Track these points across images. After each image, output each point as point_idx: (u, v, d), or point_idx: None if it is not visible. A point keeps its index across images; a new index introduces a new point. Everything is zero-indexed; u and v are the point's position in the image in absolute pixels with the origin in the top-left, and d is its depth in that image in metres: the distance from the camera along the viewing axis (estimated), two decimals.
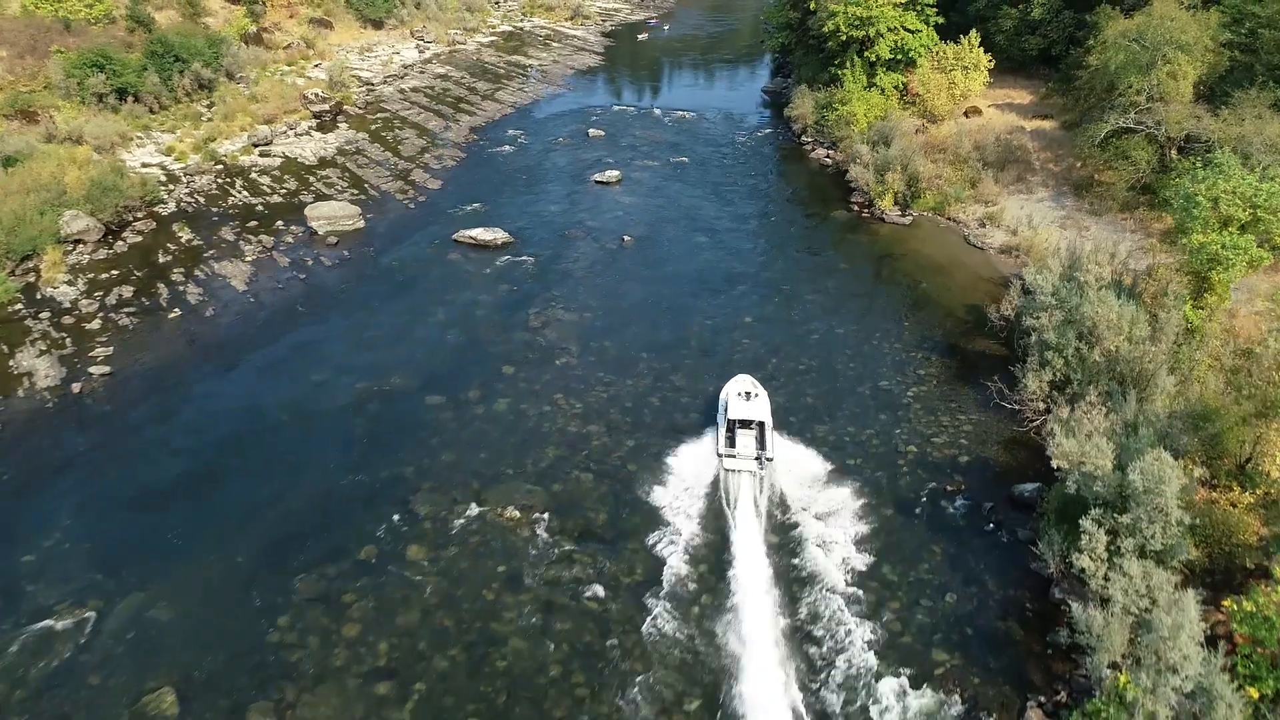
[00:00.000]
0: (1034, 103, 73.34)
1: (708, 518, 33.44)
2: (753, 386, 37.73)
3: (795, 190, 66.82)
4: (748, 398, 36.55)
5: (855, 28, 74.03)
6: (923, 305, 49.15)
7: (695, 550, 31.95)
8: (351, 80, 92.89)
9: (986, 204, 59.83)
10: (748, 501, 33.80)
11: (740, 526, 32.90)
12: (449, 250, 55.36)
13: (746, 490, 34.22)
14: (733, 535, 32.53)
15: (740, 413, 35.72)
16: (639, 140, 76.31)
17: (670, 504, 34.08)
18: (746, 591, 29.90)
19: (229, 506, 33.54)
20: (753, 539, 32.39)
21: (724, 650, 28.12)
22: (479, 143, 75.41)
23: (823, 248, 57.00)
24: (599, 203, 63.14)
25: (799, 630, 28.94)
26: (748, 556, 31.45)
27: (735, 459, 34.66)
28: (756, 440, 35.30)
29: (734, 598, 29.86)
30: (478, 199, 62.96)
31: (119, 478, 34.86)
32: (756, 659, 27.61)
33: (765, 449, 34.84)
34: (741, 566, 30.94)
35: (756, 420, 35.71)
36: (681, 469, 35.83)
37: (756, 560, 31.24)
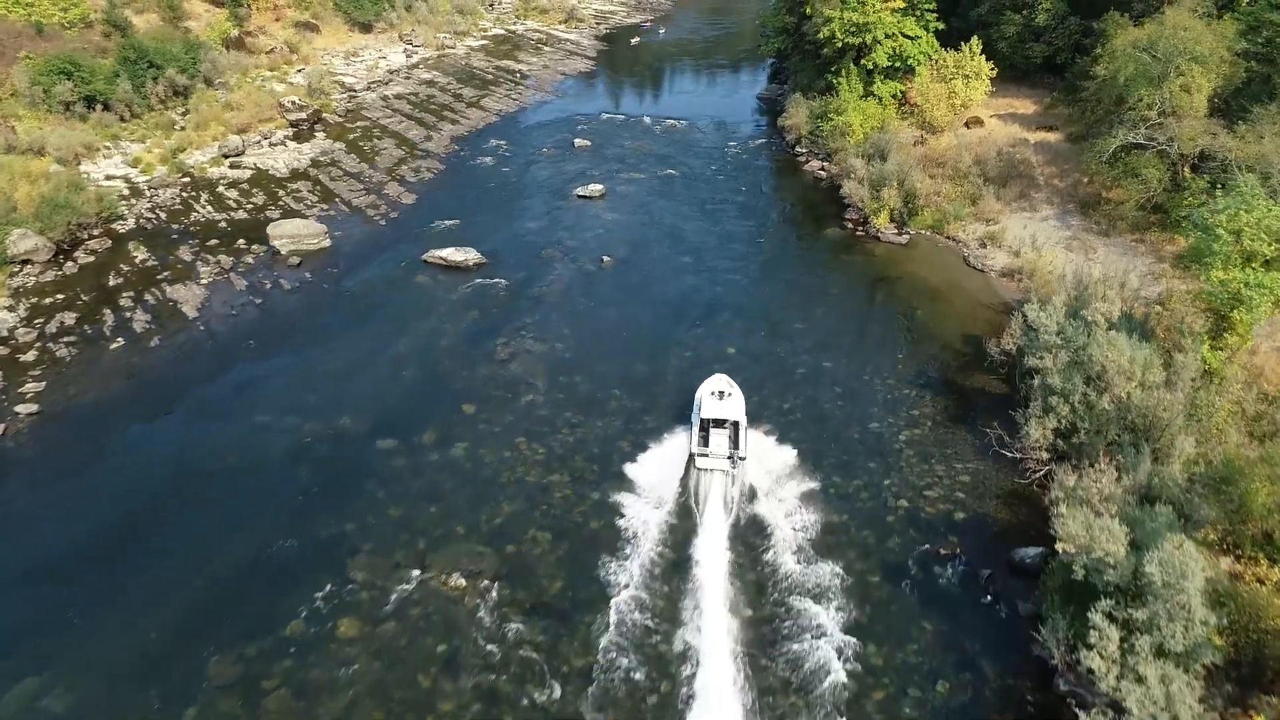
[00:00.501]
0: (1038, 113, 69.62)
1: (672, 587, 29.97)
2: (728, 386, 36.71)
3: (787, 206, 63.26)
4: (721, 396, 35.66)
5: (851, 34, 70.42)
6: (918, 336, 45.59)
7: (659, 626, 28.48)
8: (333, 86, 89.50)
9: (987, 222, 56.20)
10: (718, 503, 33.11)
11: (708, 562, 30.66)
12: (417, 272, 51.92)
13: (717, 491, 33.47)
14: (699, 579, 30.03)
15: (714, 412, 34.97)
16: (626, 151, 72.76)
17: (633, 574, 30.60)
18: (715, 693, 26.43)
19: (146, 573, 30.18)
20: (721, 589, 29.51)
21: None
22: (460, 153, 71.94)
23: (813, 270, 53.42)
24: (580, 219, 59.64)
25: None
26: (716, 635, 28.05)
27: (708, 458, 34.06)
28: (730, 439, 34.62)
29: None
30: (453, 215, 59.50)
31: (24, 539, 31.50)
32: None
33: (739, 448, 34.10)
34: (710, 665, 27.37)
35: (730, 420, 34.94)
36: (648, 530, 32.38)
37: (726, 657, 27.62)
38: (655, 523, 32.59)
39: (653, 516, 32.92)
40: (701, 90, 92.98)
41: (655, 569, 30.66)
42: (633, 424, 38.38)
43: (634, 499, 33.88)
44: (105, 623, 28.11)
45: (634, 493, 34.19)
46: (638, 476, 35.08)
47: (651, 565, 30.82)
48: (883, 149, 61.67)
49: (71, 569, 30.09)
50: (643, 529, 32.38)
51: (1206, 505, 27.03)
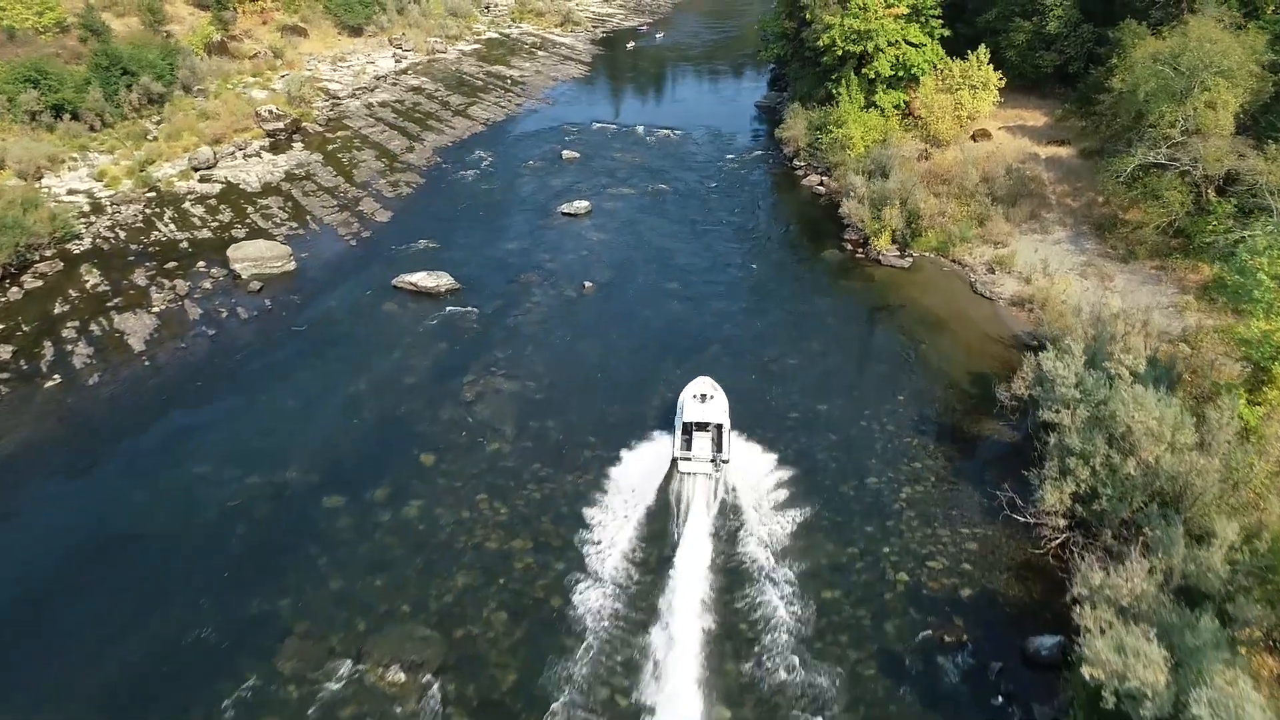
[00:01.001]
0: (1048, 125, 65.62)
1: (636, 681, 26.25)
2: (711, 389, 35.81)
3: (783, 226, 59.37)
4: (704, 399, 34.89)
5: (852, 42, 66.44)
6: (921, 374, 41.74)
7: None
8: (317, 93, 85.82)
9: (996, 245, 52.27)
10: (701, 507, 32.30)
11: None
12: (386, 298, 48.21)
13: (701, 495, 32.75)
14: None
15: (696, 415, 34.31)
16: (616, 164, 68.90)
17: (601, 662, 26.91)
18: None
19: (39, 663, 26.50)
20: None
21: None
22: (442, 166, 68.16)
23: (809, 297, 49.54)
24: (563, 239, 55.85)
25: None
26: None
27: (691, 461, 33.50)
28: (713, 442, 33.99)
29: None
30: (429, 234, 55.76)
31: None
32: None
33: (722, 451, 33.48)
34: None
35: (713, 423, 34.20)
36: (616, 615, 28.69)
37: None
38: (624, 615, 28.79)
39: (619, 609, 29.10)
40: (698, 97, 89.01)
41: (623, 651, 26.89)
42: (605, 479, 34.56)
43: (608, 580, 30.07)
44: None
45: (611, 570, 30.38)
46: (612, 543, 31.34)
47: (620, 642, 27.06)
48: (884, 165, 57.72)
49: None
50: (614, 614, 28.57)
51: (1252, 604, 23.13)
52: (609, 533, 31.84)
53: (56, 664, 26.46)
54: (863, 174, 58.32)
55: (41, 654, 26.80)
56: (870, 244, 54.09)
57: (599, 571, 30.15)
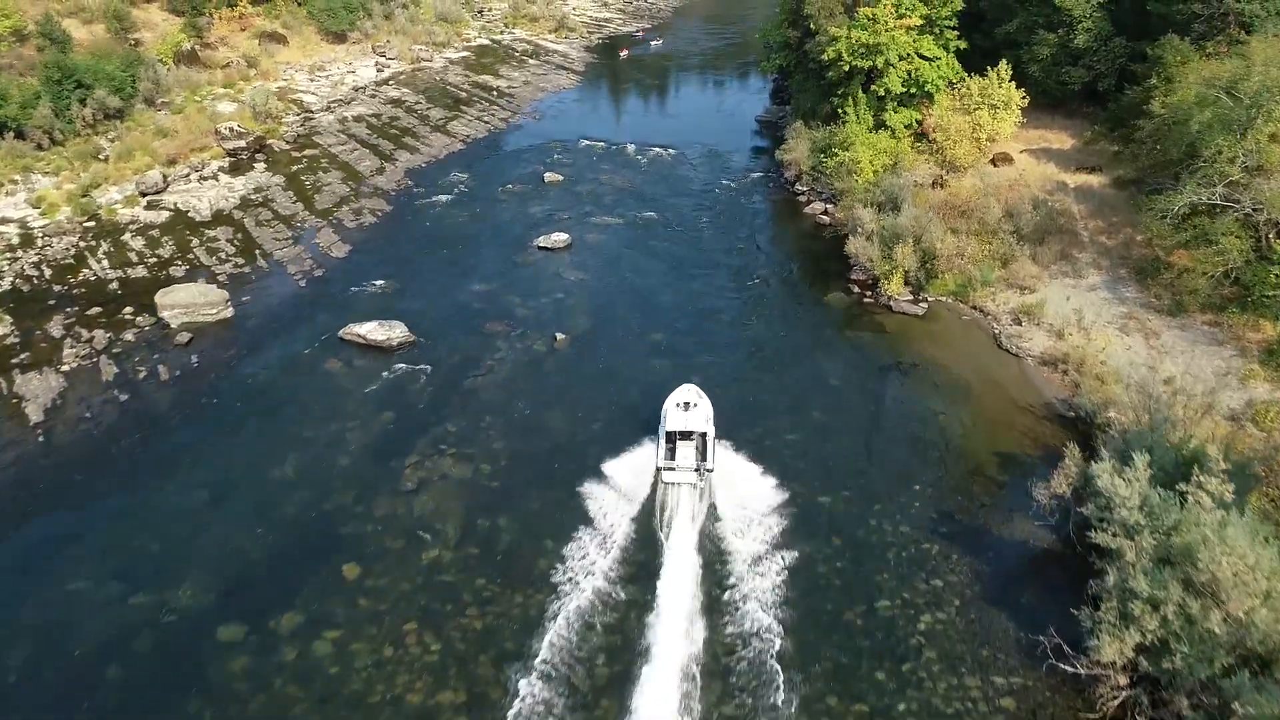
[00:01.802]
0: (1076, 149, 58.97)
1: None
2: (695, 396, 34.21)
3: (783, 263, 52.87)
4: (687, 408, 33.27)
5: (860, 56, 59.82)
6: (939, 455, 35.31)
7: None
8: (289, 107, 79.56)
9: (1022, 290, 45.78)
10: (685, 519, 30.95)
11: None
12: (330, 354, 41.94)
13: (685, 506, 31.39)
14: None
15: (679, 424, 32.78)
16: (603, 188, 62.47)
17: None
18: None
19: None
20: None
21: None
22: (412, 190, 61.80)
23: (811, 354, 43.05)
24: (538, 279, 49.47)
25: None
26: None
27: (674, 471, 32.19)
28: (698, 451, 32.65)
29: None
30: (388, 272, 49.50)
31: None
32: None
33: (706, 460, 32.22)
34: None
35: (698, 431, 32.76)
36: None
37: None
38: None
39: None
40: (695, 111, 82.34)
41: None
42: (562, 598, 28.25)
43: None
44: None
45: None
46: (569, 692, 25.06)
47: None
48: (895, 195, 51.17)
49: None
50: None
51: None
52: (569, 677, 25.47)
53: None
54: (871, 206, 51.80)
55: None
56: (880, 287, 47.61)
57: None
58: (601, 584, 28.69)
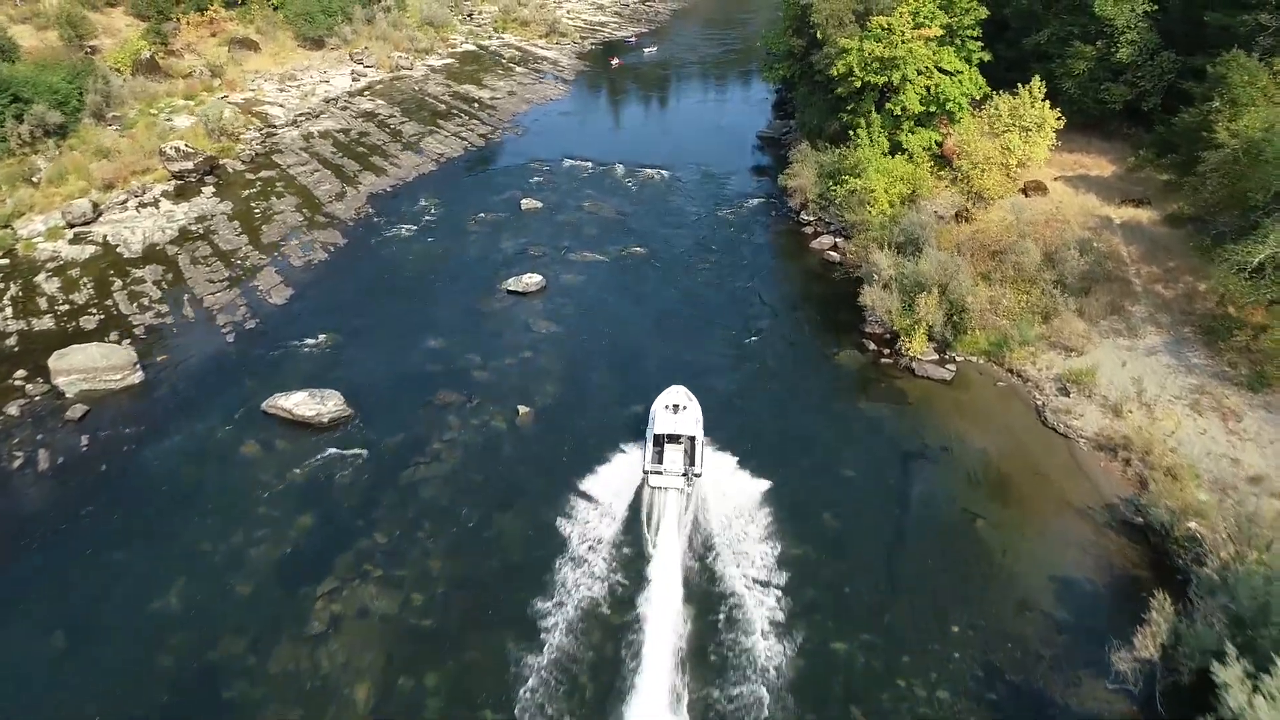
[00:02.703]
0: (1118, 176, 51.45)
1: None
2: (685, 399, 33.00)
3: (786, 312, 45.44)
4: (676, 410, 32.09)
5: (875, 71, 52.38)
6: (981, 579, 28.13)
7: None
8: (251, 121, 72.30)
9: (1067, 351, 38.46)
10: (672, 523, 29.32)
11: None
12: (250, 433, 34.75)
13: (672, 510, 29.83)
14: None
15: (668, 427, 31.59)
16: (586, 217, 55.14)
17: None
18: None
19: None
20: None
21: None
22: (373, 220, 54.51)
23: (819, 435, 35.73)
24: (503, 332, 42.24)
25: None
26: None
27: (662, 475, 30.74)
28: (686, 455, 31.20)
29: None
30: (332, 323, 42.30)
31: None
32: None
33: (695, 465, 30.87)
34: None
35: (686, 435, 31.45)
36: None
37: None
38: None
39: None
40: (691, 126, 74.76)
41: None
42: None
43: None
44: None
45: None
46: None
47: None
48: (915, 235, 43.74)
49: None
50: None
51: None
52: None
53: None
54: (888, 246, 44.35)
55: None
56: (900, 344, 40.24)
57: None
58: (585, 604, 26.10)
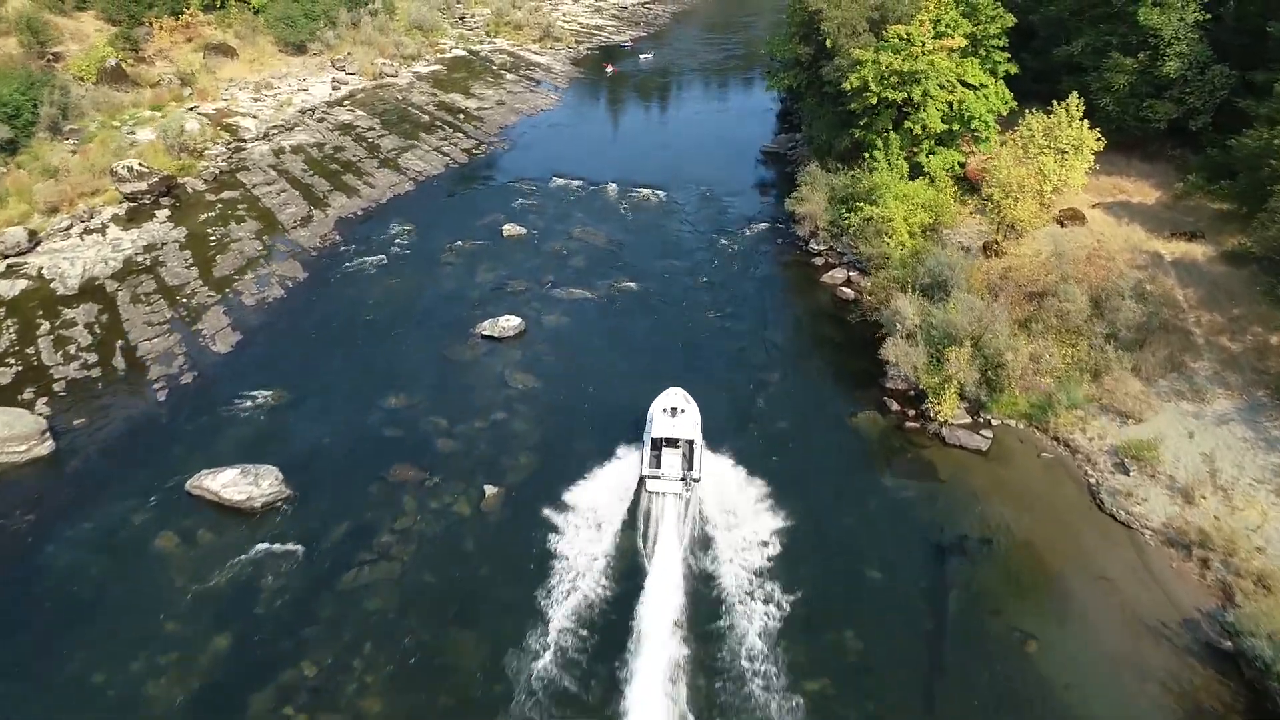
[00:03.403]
0: (1164, 204, 45.79)
1: None
2: (683, 402, 31.41)
3: (795, 362, 39.82)
4: (674, 413, 30.52)
5: (893, 87, 46.70)
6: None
7: None
8: (219, 134, 66.72)
9: (1121, 417, 32.81)
10: (670, 529, 27.98)
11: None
12: (170, 519, 29.28)
13: (670, 516, 28.46)
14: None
15: (666, 430, 30.09)
16: (574, 245, 49.56)
17: None
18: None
19: None
20: None
21: None
22: (339, 249, 48.96)
23: (836, 522, 30.16)
24: (474, 388, 36.68)
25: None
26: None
27: (660, 480, 29.39)
28: (684, 459, 29.88)
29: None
30: (281, 377, 36.77)
31: None
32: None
33: (694, 469, 29.50)
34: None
35: (684, 439, 30.08)
36: None
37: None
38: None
39: None
40: (690, 139, 68.99)
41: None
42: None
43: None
44: None
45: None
46: None
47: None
48: (942, 275, 38.06)
49: None
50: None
51: None
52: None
53: None
54: (911, 289, 38.64)
55: None
56: (927, 406, 34.58)
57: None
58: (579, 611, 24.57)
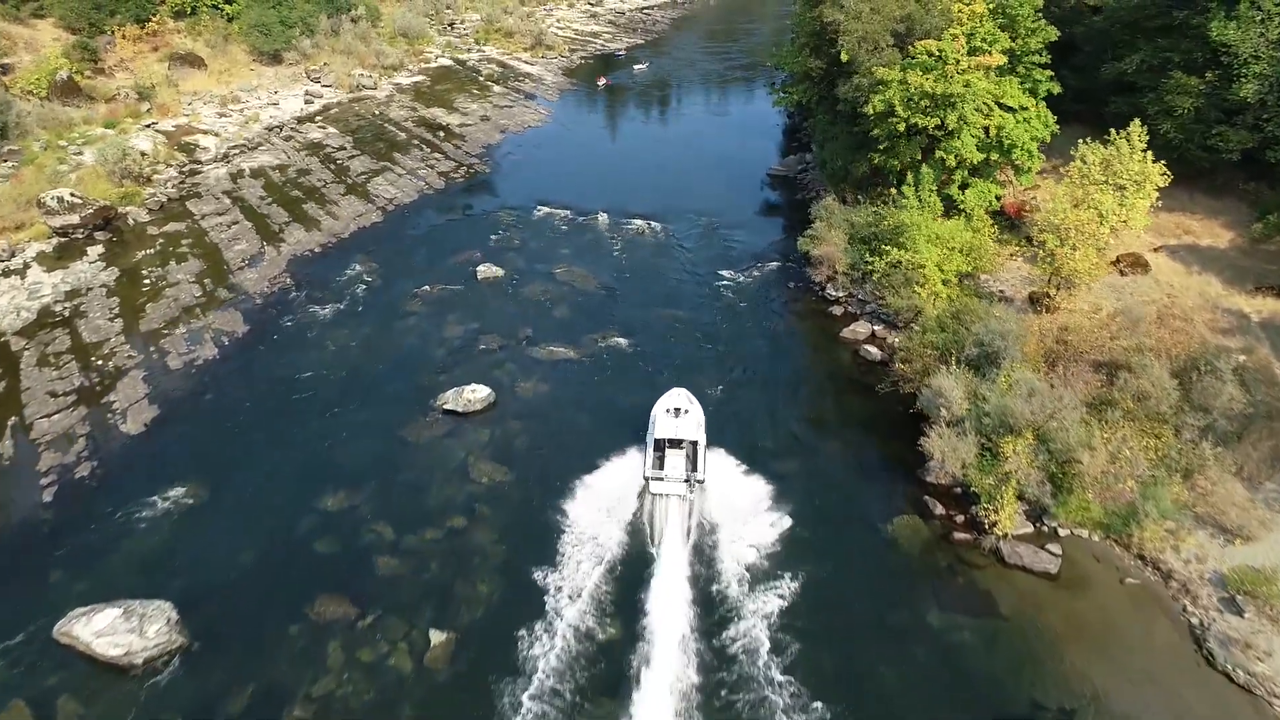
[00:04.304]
0: (1239, 248, 39.08)
1: None
2: (686, 402, 30.54)
3: (816, 443, 32.98)
4: (678, 414, 29.67)
5: (923, 111, 39.90)
6: None
7: None
8: (172, 156, 59.91)
9: (1225, 532, 26.03)
10: (675, 531, 27.00)
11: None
12: (28, 679, 22.71)
13: (675, 519, 27.36)
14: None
15: (669, 431, 29.16)
16: (557, 290, 42.81)
17: None
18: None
19: None
20: None
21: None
22: (289, 294, 42.21)
23: (869, 668, 23.53)
24: (429, 484, 29.96)
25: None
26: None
27: (664, 481, 28.38)
28: (688, 460, 28.80)
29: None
30: (197, 468, 30.00)
31: None
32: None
33: (697, 471, 28.46)
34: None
35: (688, 439, 29.02)
36: None
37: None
38: None
39: None
40: (690, 160, 62.13)
41: None
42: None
43: None
44: None
45: None
46: None
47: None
48: (991, 345, 31.21)
49: None
50: None
51: None
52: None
53: None
54: (955, 360, 31.76)
55: None
56: (979, 511, 27.77)
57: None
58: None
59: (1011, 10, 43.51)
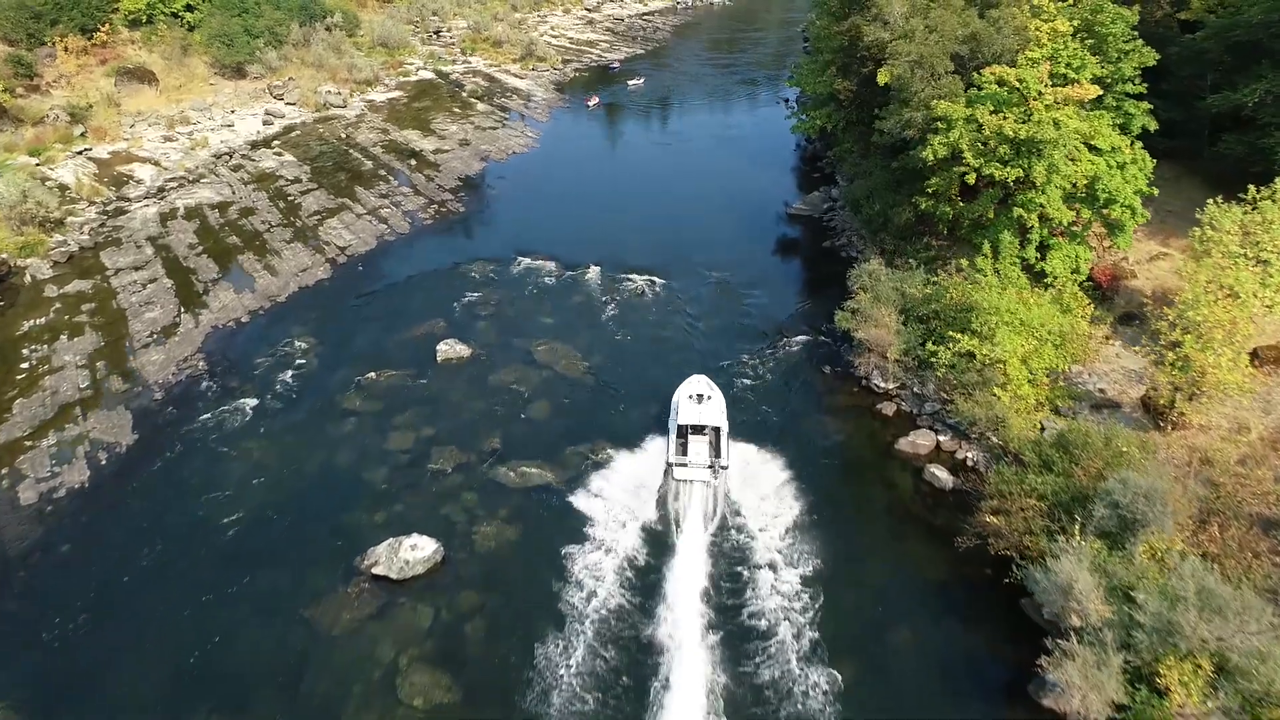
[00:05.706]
0: None
1: None
2: (707, 388, 29.25)
3: (873, 633, 23.35)
4: (700, 400, 28.36)
5: (1000, 160, 30.36)
6: None
7: None
8: (98, 192, 50.36)
9: None
10: (697, 517, 25.68)
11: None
12: None
13: (698, 504, 26.05)
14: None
15: (692, 417, 27.72)
16: (534, 374, 33.33)
17: None
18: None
19: None
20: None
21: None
22: (200, 383, 32.69)
23: None
24: (340, 692, 20.52)
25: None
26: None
27: (687, 468, 26.80)
28: (711, 447, 27.39)
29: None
30: (15, 688, 20.20)
31: None
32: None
33: (720, 457, 26.96)
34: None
35: (711, 426, 27.61)
36: None
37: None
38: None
39: None
40: (695, 197, 52.42)
41: None
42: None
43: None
44: None
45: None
46: None
47: None
48: (1136, 513, 21.60)
49: None
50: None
51: None
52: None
53: None
54: (1079, 530, 22.15)
55: None
56: None
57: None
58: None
59: (1101, 28, 34.04)
